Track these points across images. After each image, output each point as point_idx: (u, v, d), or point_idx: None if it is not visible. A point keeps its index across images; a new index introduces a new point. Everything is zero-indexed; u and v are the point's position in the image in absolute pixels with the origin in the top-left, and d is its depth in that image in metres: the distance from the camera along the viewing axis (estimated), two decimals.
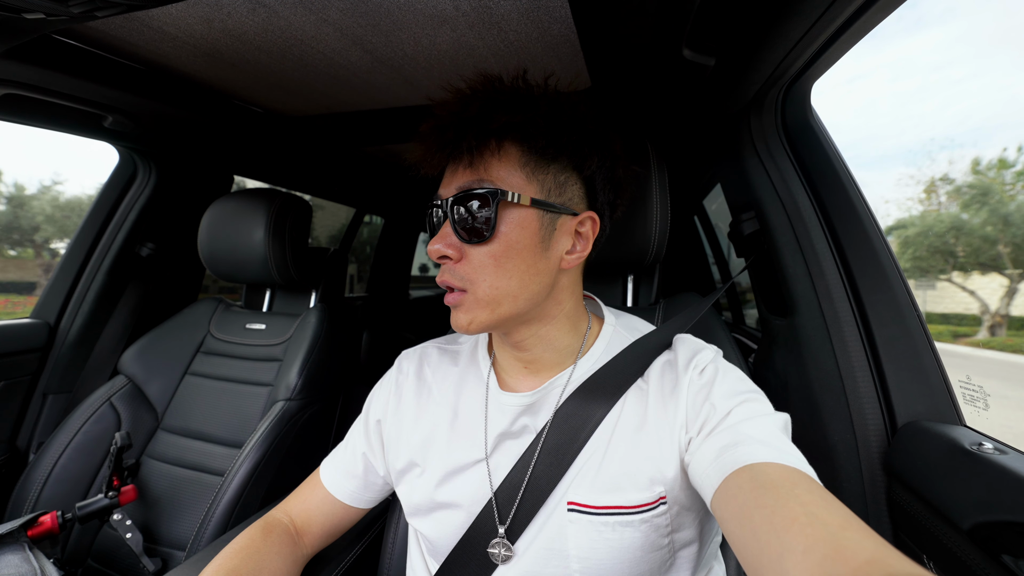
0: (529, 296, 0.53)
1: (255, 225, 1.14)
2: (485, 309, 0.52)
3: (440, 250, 0.52)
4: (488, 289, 0.51)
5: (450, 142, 0.52)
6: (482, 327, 0.53)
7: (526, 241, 0.51)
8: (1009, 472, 0.48)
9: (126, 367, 1.20)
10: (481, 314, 0.52)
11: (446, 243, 0.52)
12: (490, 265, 0.51)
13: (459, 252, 0.52)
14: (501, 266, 0.51)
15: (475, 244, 0.51)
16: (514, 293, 0.52)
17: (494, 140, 0.51)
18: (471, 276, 0.52)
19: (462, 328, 0.53)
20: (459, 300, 0.52)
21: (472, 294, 0.52)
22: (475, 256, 0.51)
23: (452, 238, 0.52)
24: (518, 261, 0.51)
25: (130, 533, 0.97)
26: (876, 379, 0.70)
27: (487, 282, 0.51)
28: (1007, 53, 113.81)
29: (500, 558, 0.52)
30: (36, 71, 0.82)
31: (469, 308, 0.52)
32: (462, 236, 0.51)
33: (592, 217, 0.56)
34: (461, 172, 0.53)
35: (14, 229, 6.84)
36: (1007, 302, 3.92)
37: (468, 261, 0.52)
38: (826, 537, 0.32)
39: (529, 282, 0.52)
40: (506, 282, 0.51)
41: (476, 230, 0.51)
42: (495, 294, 0.51)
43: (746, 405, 0.48)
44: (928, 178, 8.33)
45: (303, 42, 0.82)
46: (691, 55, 0.75)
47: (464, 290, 0.52)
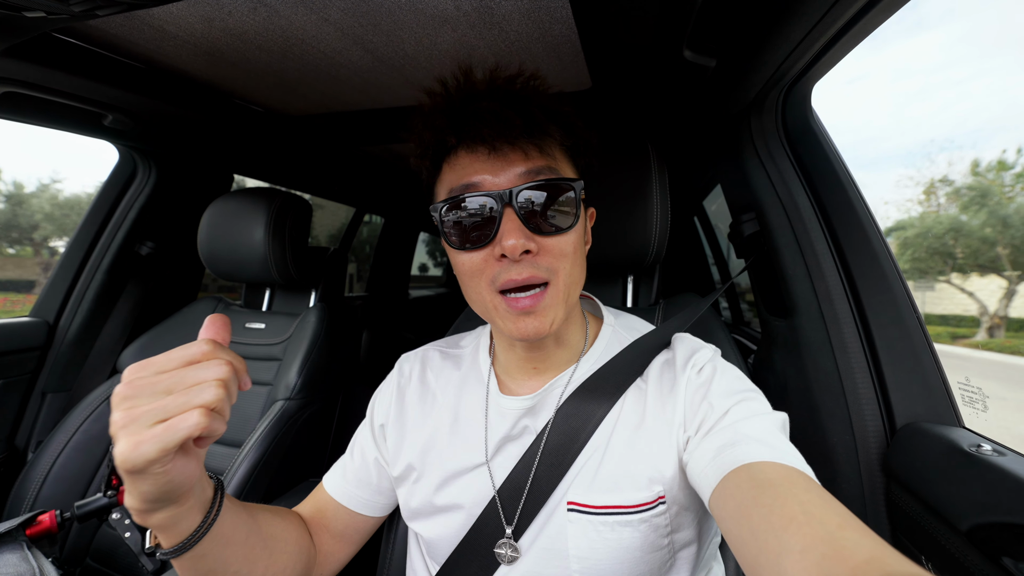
0: (581, 285, 0.54)
1: (255, 224, 1.14)
2: (561, 303, 0.50)
3: (524, 244, 0.46)
4: (566, 278, 0.50)
5: (513, 124, 0.46)
6: (558, 326, 0.51)
7: (583, 231, 0.53)
8: (1008, 474, 0.48)
9: (125, 366, 1.19)
10: (559, 311, 0.50)
11: (525, 235, 0.47)
12: (569, 255, 0.50)
13: (536, 245, 0.48)
14: (575, 255, 0.50)
15: (554, 235, 0.48)
16: (578, 283, 0.52)
17: (557, 129, 0.49)
18: (554, 266, 0.49)
19: (543, 332, 0.49)
20: (539, 302, 0.48)
21: (554, 287, 0.49)
22: (553, 246, 0.49)
23: (525, 230, 0.47)
24: (581, 249, 0.53)
25: (129, 532, 0.96)
26: (875, 380, 0.70)
27: (565, 271, 0.50)
28: (1008, 55, 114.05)
29: (507, 558, 0.52)
30: (36, 69, 0.82)
31: (549, 305, 0.49)
32: (537, 227, 0.47)
33: (592, 213, 0.61)
34: (521, 158, 0.48)
35: (13, 227, 6.83)
36: (1006, 304, 3.93)
37: (547, 252, 0.48)
38: (824, 536, 0.32)
39: (584, 269, 0.54)
40: (576, 271, 0.51)
41: (559, 220, 0.48)
42: (570, 282, 0.51)
43: (744, 404, 0.48)
44: (927, 180, 8.35)
45: (304, 41, 0.82)
46: (692, 56, 0.75)
47: (546, 283, 0.49)
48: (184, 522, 0.42)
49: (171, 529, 0.42)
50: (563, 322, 0.52)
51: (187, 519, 0.42)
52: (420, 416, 0.62)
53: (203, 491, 0.44)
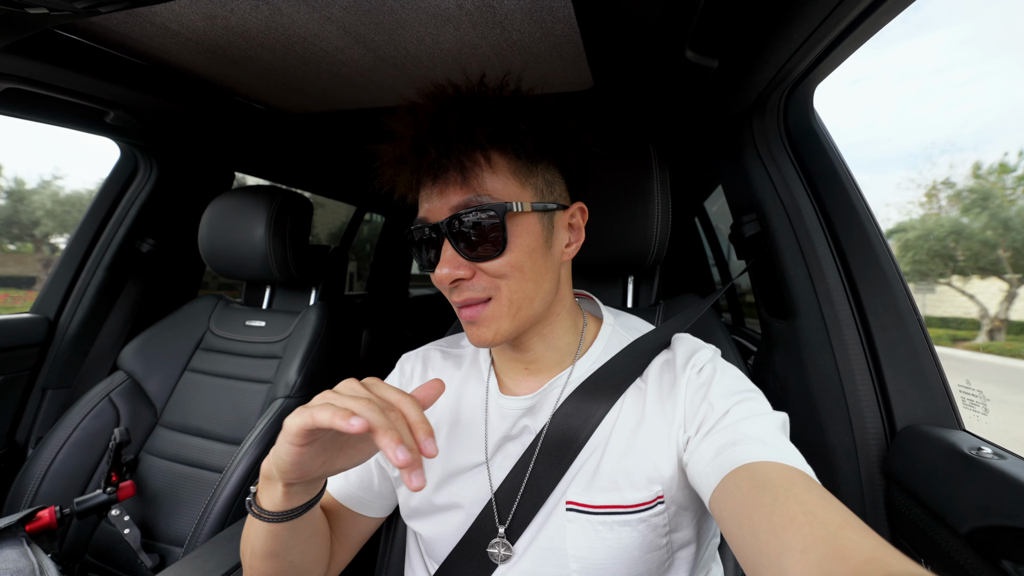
0: (543, 296, 0.53)
1: (256, 222, 1.14)
2: (507, 316, 0.51)
3: (452, 274, 0.50)
4: (510, 294, 0.51)
5: (434, 162, 0.49)
6: (506, 337, 0.52)
7: (534, 244, 0.52)
8: (1008, 477, 0.48)
9: (125, 363, 1.20)
10: (504, 323, 0.51)
11: (455, 265, 0.50)
12: (509, 274, 0.51)
13: (471, 270, 0.51)
14: (520, 271, 0.51)
15: (487, 260, 0.50)
16: (530, 295, 0.52)
17: (480, 152, 0.49)
18: (493, 285, 0.51)
19: (486, 342, 0.52)
20: (480, 313, 0.51)
21: (496, 301, 0.51)
22: (491, 269, 0.51)
23: (459, 260, 0.50)
24: (531, 265, 0.51)
25: (128, 529, 0.97)
26: (875, 382, 0.70)
27: (508, 288, 0.51)
28: (1010, 57, 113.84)
29: (500, 558, 0.52)
30: (38, 66, 0.82)
31: (492, 319, 0.51)
32: (469, 255, 0.50)
33: (581, 207, 0.58)
34: (451, 191, 0.50)
35: (14, 224, 6.84)
36: (1006, 306, 3.92)
37: (483, 276, 0.51)
38: (825, 536, 0.32)
39: (542, 282, 0.53)
40: (524, 286, 0.51)
41: (487, 247, 0.49)
42: (516, 298, 0.51)
43: (744, 404, 0.48)
44: (929, 182, 8.35)
45: (305, 39, 0.82)
46: (694, 57, 0.75)
47: (488, 299, 0.51)
48: (296, 497, 0.46)
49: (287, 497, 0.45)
50: (515, 332, 0.53)
51: (299, 495, 0.46)
52: None
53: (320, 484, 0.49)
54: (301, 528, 0.49)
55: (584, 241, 0.59)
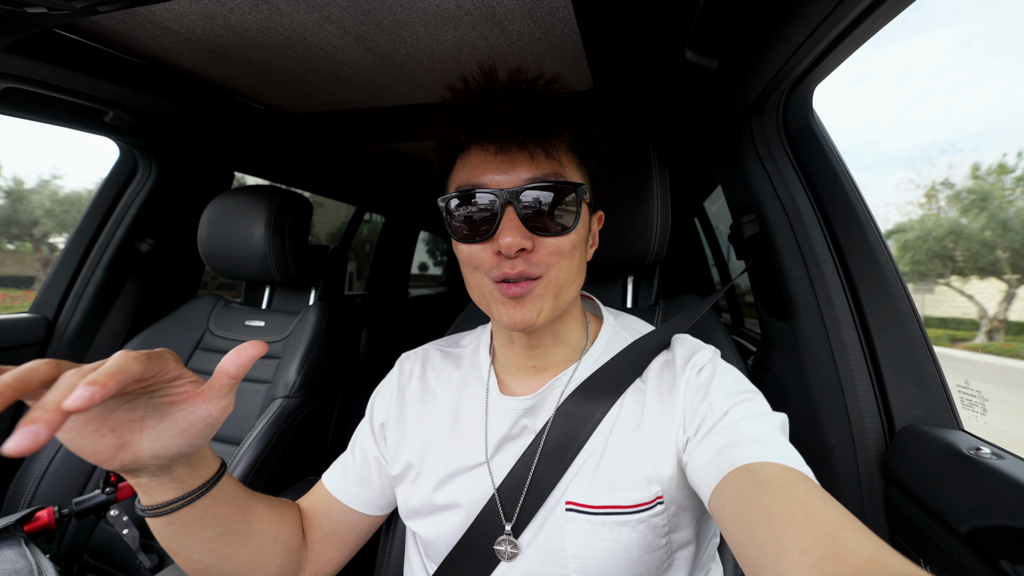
0: (578, 285, 0.55)
1: (255, 222, 1.14)
2: (552, 297, 0.52)
3: (520, 243, 0.48)
4: (558, 273, 0.52)
5: (513, 120, 0.47)
6: (547, 318, 0.52)
7: (584, 233, 0.55)
8: (1007, 477, 0.48)
9: None
10: (548, 303, 0.51)
11: (522, 234, 0.49)
12: (565, 254, 0.52)
13: (533, 242, 0.50)
14: (572, 255, 0.52)
15: (552, 236, 0.50)
16: (571, 280, 0.53)
17: (567, 132, 0.51)
18: (547, 262, 0.51)
19: (528, 323, 0.51)
20: (527, 289, 0.50)
21: (545, 280, 0.51)
22: (549, 245, 0.51)
23: (524, 229, 0.49)
24: (579, 251, 0.54)
25: (127, 529, 0.97)
26: (874, 382, 0.70)
27: (558, 267, 0.52)
28: (1010, 58, 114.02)
29: (507, 555, 0.52)
30: (38, 65, 0.82)
31: (538, 297, 0.51)
32: (535, 227, 0.50)
33: (600, 216, 0.62)
34: (528, 161, 0.50)
35: (13, 223, 6.83)
36: (1005, 307, 3.93)
37: (540, 250, 0.51)
38: (824, 537, 0.32)
39: (581, 270, 0.55)
40: (571, 269, 0.53)
41: (557, 223, 0.50)
42: (563, 279, 0.52)
43: (744, 405, 0.48)
44: (928, 182, 8.36)
45: (305, 39, 0.82)
46: (694, 57, 0.75)
47: (537, 277, 0.51)
48: (155, 490, 0.44)
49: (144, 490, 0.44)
50: (552, 316, 0.53)
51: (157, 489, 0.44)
52: (420, 415, 0.62)
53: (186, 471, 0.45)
54: (193, 528, 0.47)
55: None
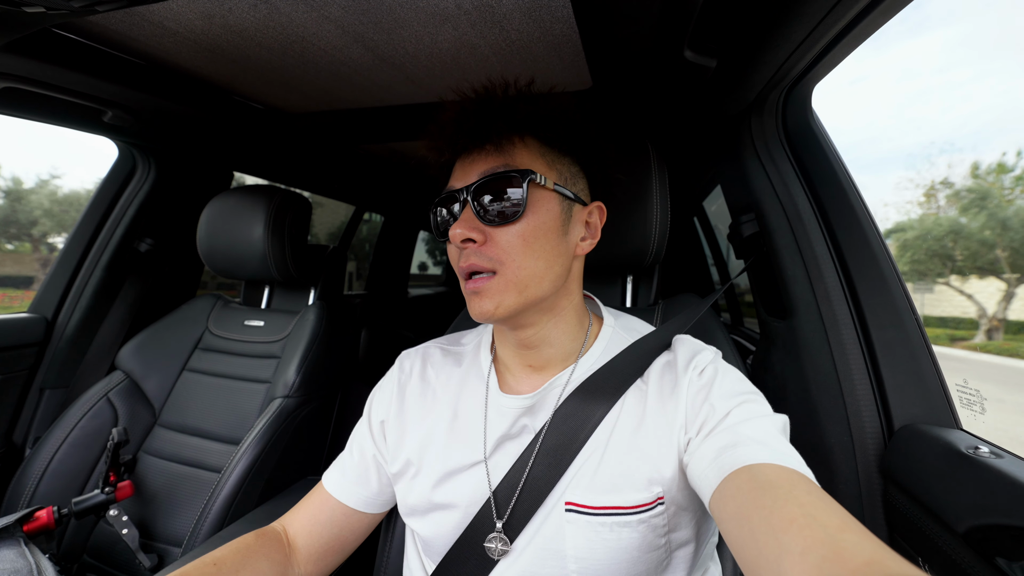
0: (552, 279, 0.54)
1: (254, 222, 1.14)
2: (513, 291, 0.51)
3: (463, 233, 0.51)
4: (517, 269, 0.51)
5: (473, 130, 0.53)
6: (509, 311, 0.52)
7: (550, 222, 0.53)
8: (1005, 476, 0.48)
9: (124, 363, 1.19)
10: (508, 297, 0.51)
11: (469, 226, 0.51)
12: (519, 245, 0.51)
13: (483, 235, 0.52)
14: (529, 246, 0.52)
15: (502, 225, 0.51)
16: (540, 274, 0.52)
17: (516, 132, 0.53)
18: (500, 257, 0.51)
19: (487, 314, 0.52)
20: (485, 285, 0.51)
21: (502, 276, 0.51)
22: (502, 237, 0.52)
23: (475, 221, 0.52)
24: (544, 242, 0.53)
25: (126, 529, 0.97)
26: (873, 382, 0.70)
27: (516, 262, 0.51)
28: (1009, 57, 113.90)
29: (497, 552, 0.52)
30: (36, 65, 0.82)
31: (497, 291, 0.51)
32: (488, 219, 0.52)
33: (600, 207, 0.60)
34: (483, 159, 0.54)
35: (12, 223, 6.82)
36: (1004, 306, 3.93)
37: (495, 243, 0.52)
38: (824, 539, 0.32)
39: (553, 263, 0.53)
40: (534, 262, 0.52)
41: (505, 211, 0.51)
42: (523, 274, 0.52)
43: (745, 406, 0.48)
44: (927, 182, 8.36)
45: (304, 39, 0.82)
46: (693, 56, 0.75)
47: (493, 272, 0.52)
48: None
49: None
50: (517, 311, 0.52)
51: None
52: (420, 412, 0.62)
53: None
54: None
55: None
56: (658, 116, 1.17)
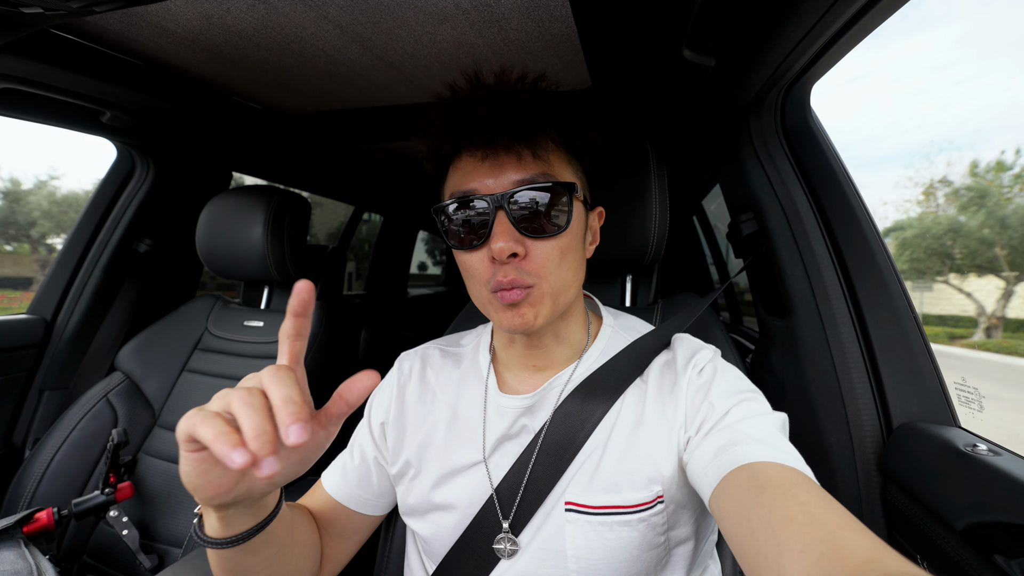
0: (578, 285, 0.55)
1: (253, 222, 1.14)
2: (549, 302, 0.52)
3: (511, 247, 0.48)
4: (554, 282, 0.51)
5: (506, 130, 0.47)
6: (546, 321, 0.52)
7: (579, 234, 0.54)
8: (1003, 474, 0.49)
9: (123, 364, 1.19)
10: (545, 308, 0.51)
11: (513, 239, 0.48)
12: (557, 258, 0.51)
13: (524, 248, 0.49)
14: (564, 259, 0.52)
15: (542, 239, 0.50)
16: (570, 283, 0.53)
17: (554, 131, 0.51)
18: (538, 271, 0.50)
19: (527, 325, 0.51)
20: (523, 296, 0.50)
21: (538, 288, 0.51)
22: (539, 250, 0.50)
23: (515, 234, 0.49)
24: (575, 252, 0.53)
25: (126, 530, 0.97)
26: (872, 380, 0.70)
27: (553, 275, 0.51)
28: (1008, 56, 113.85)
29: (506, 552, 0.52)
30: (34, 66, 0.82)
31: (535, 302, 0.51)
32: (528, 230, 0.49)
33: (601, 212, 0.61)
34: (515, 163, 0.49)
35: (10, 224, 6.80)
36: (1003, 304, 3.94)
37: (533, 257, 0.50)
38: (823, 536, 0.32)
39: (579, 271, 0.54)
40: (566, 274, 0.52)
41: (548, 225, 0.50)
42: (559, 286, 0.52)
43: (745, 404, 0.48)
44: (926, 180, 8.36)
45: (302, 39, 0.81)
46: (691, 56, 0.75)
47: (531, 285, 0.50)
48: (237, 521, 0.43)
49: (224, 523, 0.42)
50: (552, 318, 0.53)
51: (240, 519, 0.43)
52: (420, 414, 0.62)
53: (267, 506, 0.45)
54: (259, 549, 0.46)
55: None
56: (657, 115, 1.17)
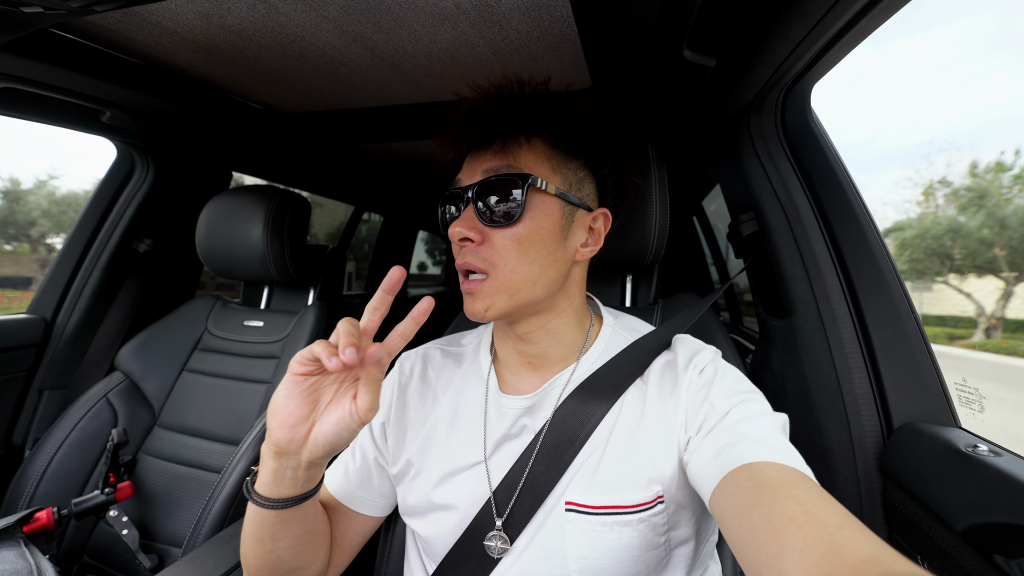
0: (546, 283, 0.54)
1: (253, 222, 1.14)
2: (504, 295, 0.52)
3: (462, 232, 0.52)
4: (509, 274, 0.52)
5: (481, 130, 0.53)
6: (499, 313, 0.53)
7: (548, 228, 0.53)
8: (1003, 474, 0.49)
9: (123, 363, 1.19)
10: (499, 300, 0.52)
11: (468, 225, 0.52)
12: (513, 249, 0.52)
13: (481, 235, 0.53)
14: (524, 250, 0.52)
15: (500, 227, 0.52)
16: (533, 279, 0.53)
17: (523, 132, 0.53)
18: (493, 259, 0.52)
19: (478, 315, 0.53)
20: (478, 287, 0.53)
21: (493, 279, 0.52)
22: (499, 239, 0.52)
23: (475, 221, 0.53)
24: (540, 247, 0.53)
25: (126, 530, 0.97)
26: (872, 380, 0.70)
27: (509, 266, 0.52)
28: (1009, 55, 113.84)
29: (497, 551, 0.52)
30: (34, 65, 0.82)
31: (488, 294, 0.52)
32: (487, 219, 0.52)
33: (605, 213, 0.59)
34: (488, 159, 0.54)
35: (10, 224, 6.80)
36: (1003, 305, 3.94)
37: (491, 244, 0.52)
38: (824, 536, 0.32)
39: (547, 268, 0.54)
40: (527, 267, 0.52)
41: (504, 213, 0.52)
42: (515, 279, 0.52)
43: (745, 405, 0.48)
44: (926, 180, 8.36)
45: (302, 39, 0.81)
46: (692, 56, 0.75)
47: (485, 274, 0.52)
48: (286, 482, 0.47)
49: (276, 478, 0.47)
50: (508, 312, 0.53)
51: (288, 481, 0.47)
52: (420, 414, 0.62)
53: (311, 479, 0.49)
54: (292, 522, 0.50)
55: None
56: (657, 115, 1.17)
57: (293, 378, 0.44)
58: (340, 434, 0.45)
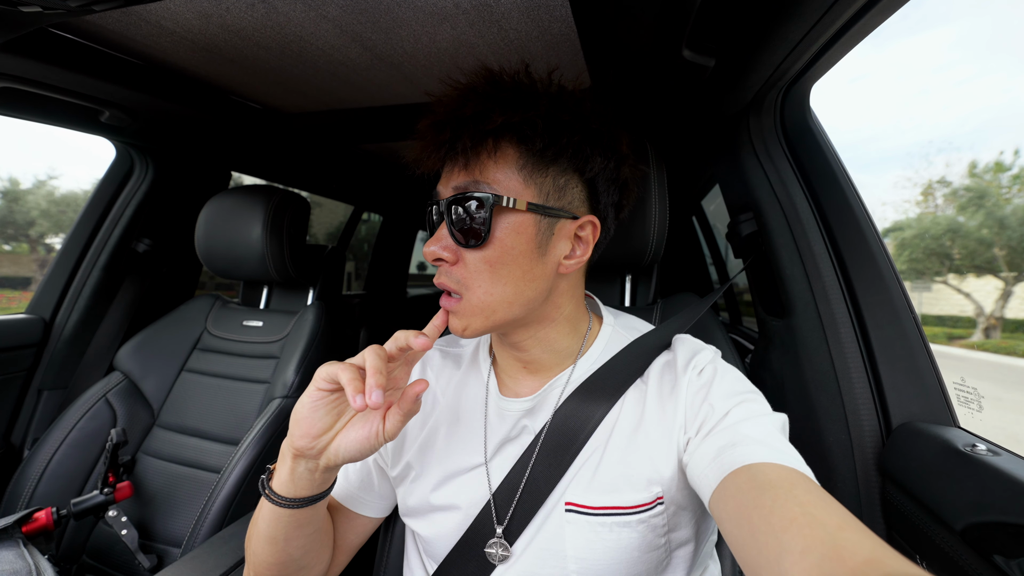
0: (524, 302, 0.52)
1: (253, 222, 1.14)
2: (479, 316, 0.51)
3: (436, 252, 0.51)
4: (483, 295, 0.50)
5: (446, 142, 0.49)
6: (476, 333, 0.52)
7: (522, 247, 0.50)
8: (1002, 474, 0.49)
9: (122, 363, 1.19)
10: (475, 321, 0.51)
11: (442, 245, 0.51)
12: (485, 271, 0.50)
13: (455, 255, 0.51)
14: (496, 272, 0.50)
15: (470, 248, 0.50)
16: (508, 300, 0.51)
17: (491, 140, 0.49)
18: (466, 281, 0.51)
19: (457, 333, 0.53)
20: (455, 306, 0.52)
21: (467, 300, 0.51)
22: (470, 260, 0.50)
23: (448, 240, 0.51)
24: (513, 267, 0.50)
25: (125, 530, 0.97)
26: (871, 380, 0.70)
27: (482, 288, 0.50)
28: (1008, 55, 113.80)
29: (497, 558, 0.52)
30: (33, 65, 0.82)
31: (463, 315, 0.52)
32: (458, 239, 0.50)
33: (592, 221, 0.54)
34: (457, 172, 0.51)
35: (9, 224, 6.79)
36: (1002, 305, 3.95)
37: (464, 265, 0.51)
38: (824, 537, 0.32)
39: (524, 288, 0.51)
40: (500, 289, 0.50)
41: (472, 233, 0.49)
42: (489, 300, 0.50)
43: (745, 405, 0.48)
44: (926, 180, 8.37)
45: (302, 38, 0.81)
46: (691, 56, 0.75)
47: (460, 295, 0.51)
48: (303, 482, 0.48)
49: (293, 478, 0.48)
50: (485, 331, 0.52)
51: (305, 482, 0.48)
52: (420, 416, 0.62)
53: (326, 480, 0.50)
54: (305, 522, 0.51)
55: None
56: (657, 115, 1.17)
57: (317, 392, 0.45)
58: (363, 450, 0.46)
